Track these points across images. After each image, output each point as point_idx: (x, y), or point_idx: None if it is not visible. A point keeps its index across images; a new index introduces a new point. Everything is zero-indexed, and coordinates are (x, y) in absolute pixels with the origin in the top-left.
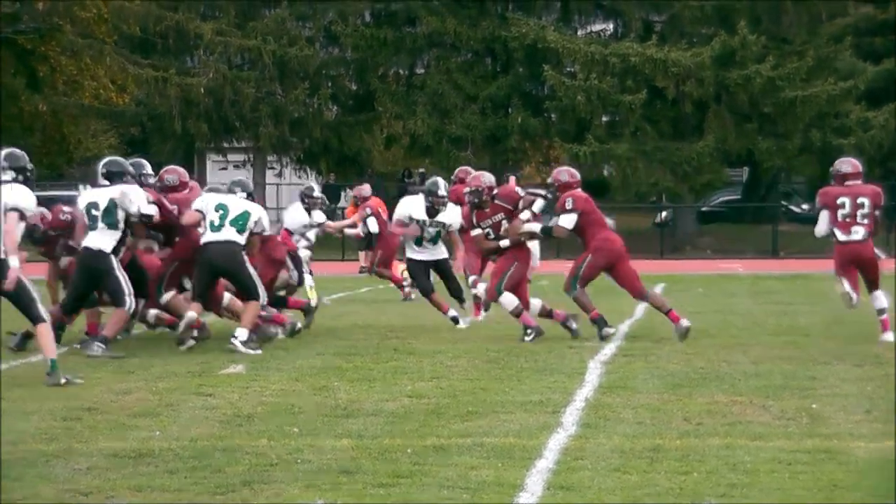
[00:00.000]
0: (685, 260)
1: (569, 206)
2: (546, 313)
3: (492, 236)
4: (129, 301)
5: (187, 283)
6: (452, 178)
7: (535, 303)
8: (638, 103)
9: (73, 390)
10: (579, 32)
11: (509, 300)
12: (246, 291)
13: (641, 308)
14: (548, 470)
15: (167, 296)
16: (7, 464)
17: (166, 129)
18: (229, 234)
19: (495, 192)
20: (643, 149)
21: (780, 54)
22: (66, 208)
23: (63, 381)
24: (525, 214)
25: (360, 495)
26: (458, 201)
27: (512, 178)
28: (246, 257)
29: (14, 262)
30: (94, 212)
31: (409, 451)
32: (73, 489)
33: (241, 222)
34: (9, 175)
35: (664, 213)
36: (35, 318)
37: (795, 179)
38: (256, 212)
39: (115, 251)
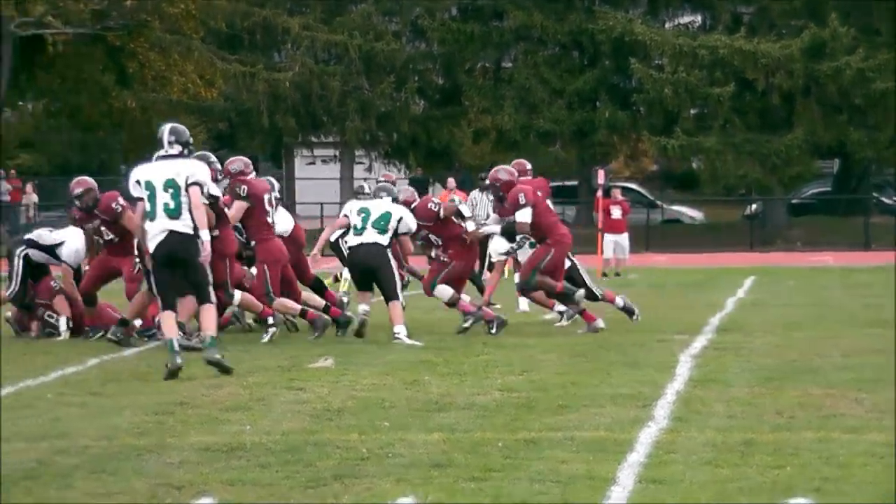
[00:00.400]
0: (775, 252)
1: (522, 200)
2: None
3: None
4: None
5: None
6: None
7: (465, 298)
8: (726, 96)
9: (166, 385)
10: (667, 25)
11: (443, 291)
12: (387, 292)
13: (732, 301)
14: (639, 463)
15: (277, 301)
16: (102, 458)
17: (254, 123)
18: (371, 235)
19: (412, 206)
20: (732, 141)
21: (870, 46)
22: (121, 200)
23: (218, 356)
24: (471, 225)
25: (452, 489)
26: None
27: (601, 172)
28: (391, 258)
29: (205, 235)
30: None
31: (501, 445)
32: (166, 483)
33: (382, 223)
34: (176, 149)
35: (754, 206)
36: (204, 298)
37: (886, 171)
38: (398, 212)
39: None
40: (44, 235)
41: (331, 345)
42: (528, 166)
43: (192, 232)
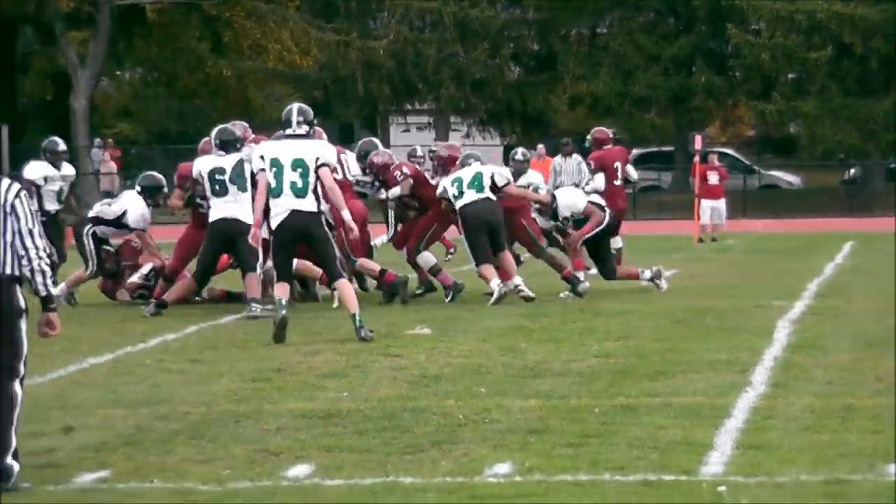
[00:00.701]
0: (873, 218)
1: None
2: (436, 272)
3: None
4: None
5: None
6: (588, 137)
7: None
8: (824, 60)
9: (264, 352)
10: None
11: (427, 258)
12: (500, 247)
13: (830, 267)
14: (737, 429)
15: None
16: (201, 424)
17: (349, 92)
18: (471, 195)
19: (389, 168)
20: (829, 106)
21: None
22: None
23: (368, 335)
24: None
25: (549, 455)
26: (601, 164)
27: (698, 138)
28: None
29: (347, 215)
30: (218, 176)
31: (597, 411)
32: (264, 449)
33: (477, 183)
34: (303, 129)
35: (852, 171)
36: (334, 276)
37: None
38: (489, 170)
39: None
40: (105, 210)
41: (427, 311)
42: (610, 134)
43: (316, 210)
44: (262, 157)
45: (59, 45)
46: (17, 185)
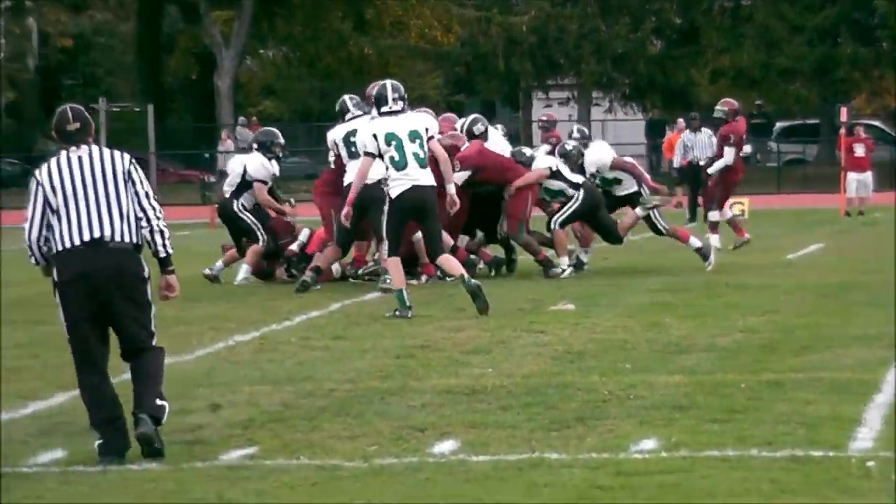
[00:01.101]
0: None
1: (457, 168)
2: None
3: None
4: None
5: None
6: (724, 108)
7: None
8: None
9: (407, 328)
10: None
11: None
12: (606, 231)
13: None
14: (886, 404)
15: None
16: (346, 401)
17: (490, 68)
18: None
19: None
20: None
21: None
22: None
23: (473, 284)
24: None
25: (695, 431)
26: (732, 137)
27: (843, 110)
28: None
29: (451, 188)
30: (352, 138)
31: (743, 387)
32: (409, 426)
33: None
34: (399, 105)
35: None
36: (436, 252)
37: None
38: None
39: None
40: (231, 179)
41: (570, 287)
42: (737, 105)
43: (434, 184)
44: (374, 136)
45: (203, 24)
46: (128, 155)
